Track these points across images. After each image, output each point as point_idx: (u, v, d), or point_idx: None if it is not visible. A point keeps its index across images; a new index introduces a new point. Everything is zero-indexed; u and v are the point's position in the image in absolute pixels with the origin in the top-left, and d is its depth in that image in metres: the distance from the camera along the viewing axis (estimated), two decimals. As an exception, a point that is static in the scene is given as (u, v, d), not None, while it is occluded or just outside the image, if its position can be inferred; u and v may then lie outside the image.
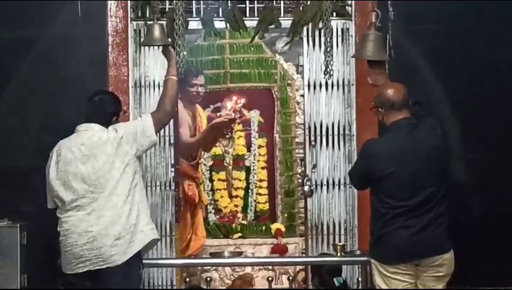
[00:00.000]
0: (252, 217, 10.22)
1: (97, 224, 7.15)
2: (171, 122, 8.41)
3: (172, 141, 8.87)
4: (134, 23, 8.78)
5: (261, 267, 9.21)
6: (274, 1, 8.88)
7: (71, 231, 7.25)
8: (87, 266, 7.11)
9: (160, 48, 7.97)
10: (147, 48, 8.78)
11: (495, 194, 8.49)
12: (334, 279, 8.24)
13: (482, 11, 8.73)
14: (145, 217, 7.30)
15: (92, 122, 7.26)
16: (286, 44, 9.55)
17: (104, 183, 7.20)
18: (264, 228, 9.80)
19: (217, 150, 10.43)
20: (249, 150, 10.18)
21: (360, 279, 8.14)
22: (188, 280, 8.59)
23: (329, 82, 8.86)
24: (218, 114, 9.91)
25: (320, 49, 8.74)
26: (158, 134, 7.45)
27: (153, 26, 7.83)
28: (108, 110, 7.47)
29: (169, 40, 8.34)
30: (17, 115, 8.69)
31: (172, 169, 8.70)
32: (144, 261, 7.57)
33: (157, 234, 7.51)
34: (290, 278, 8.76)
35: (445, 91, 8.56)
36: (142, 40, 8.55)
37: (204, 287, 8.15)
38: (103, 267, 7.07)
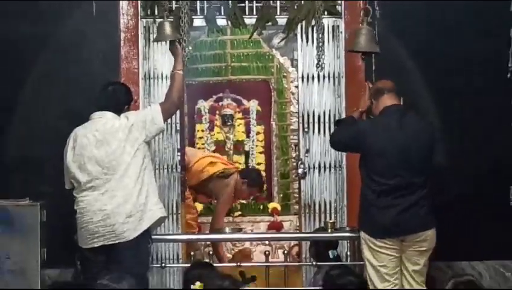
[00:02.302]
0: (251, 197, 10.09)
1: (110, 203, 7.33)
2: (178, 111, 8.43)
3: (178, 128, 8.91)
4: (144, 20, 8.80)
5: (259, 242, 9.30)
6: (271, 0, 8.91)
7: (87, 210, 7.42)
8: (101, 241, 7.32)
9: (168, 44, 8.01)
10: (155, 43, 8.76)
11: (468, 178, 8.52)
12: (329, 251, 8.26)
13: (459, 10, 8.67)
14: (154, 197, 7.52)
15: (105, 111, 7.42)
16: (282, 40, 9.52)
17: (116, 166, 7.36)
18: (261, 207, 9.99)
19: (219, 136, 10.56)
20: (248, 136, 10.32)
21: (348, 253, 8.28)
22: (192, 253, 8.59)
23: (321, 74, 8.92)
24: (220, 103, 10.01)
25: (312, 45, 8.73)
26: (165, 122, 7.59)
27: (163, 24, 7.90)
28: (120, 100, 7.65)
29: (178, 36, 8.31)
30: (37, 106, 8.60)
31: (179, 153, 8.78)
32: (153, 236, 7.78)
33: (165, 212, 7.69)
34: (285, 252, 8.83)
35: (426, 83, 8.56)
36: (153, 36, 8.66)
37: (207, 260, 8.16)
38: (115, 242, 7.27)
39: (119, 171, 7.41)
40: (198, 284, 6.22)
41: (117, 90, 7.79)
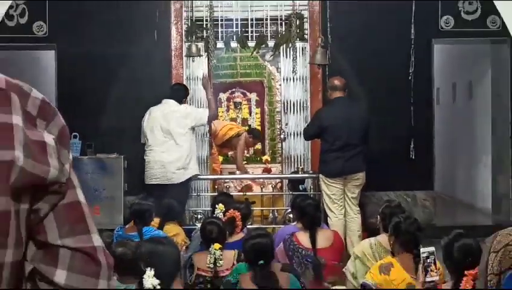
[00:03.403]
0: (252, 152, 10.11)
1: (166, 158, 7.52)
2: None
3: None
4: (186, 44, 8.68)
5: (256, 180, 9.23)
6: (264, 30, 8.81)
7: (151, 160, 7.65)
8: (157, 181, 7.58)
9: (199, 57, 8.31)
10: (191, 58, 8.72)
11: (385, 140, 8.23)
12: (300, 185, 8.32)
13: (381, 39, 8.53)
14: (194, 160, 7.72)
15: (169, 99, 7.63)
16: (271, 56, 9.36)
17: (173, 135, 7.50)
18: (259, 158, 9.81)
19: (232, 114, 10.24)
20: (250, 115, 9.99)
21: (311, 186, 8.44)
22: (216, 187, 8.82)
23: (295, 77, 8.90)
24: (232, 95, 10.07)
25: (290, 59, 8.74)
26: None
27: (194, 45, 8.22)
28: (180, 93, 7.86)
29: (204, 53, 8.66)
30: (120, 97, 8.46)
31: (207, 126, 8.62)
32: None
33: (198, 170, 7.97)
34: (273, 186, 8.83)
35: (358, 82, 8.33)
36: (188, 52, 8.63)
37: (225, 191, 8.17)
38: (166, 183, 7.52)
39: (174, 138, 7.48)
40: (220, 206, 6.08)
41: (179, 87, 8.00)
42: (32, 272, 1.33)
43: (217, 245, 4.76)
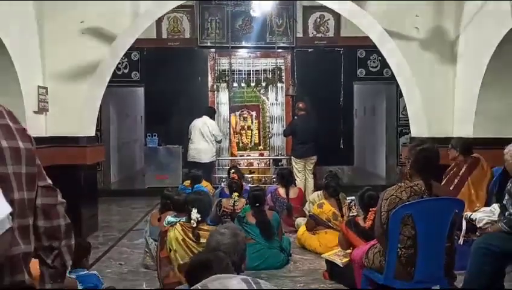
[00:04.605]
0: (252, 144, 9.18)
1: (199, 148, 7.20)
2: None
3: (228, 120, 8.78)
4: (215, 84, 8.59)
5: (256, 161, 8.67)
6: (260, 76, 8.66)
7: (191, 149, 7.31)
8: (194, 159, 7.21)
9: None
10: (219, 92, 8.68)
11: (327, 137, 7.79)
12: (279, 163, 8.32)
13: (329, 74, 8.44)
14: (213, 151, 7.34)
15: (205, 115, 7.34)
16: (264, 90, 8.82)
17: (204, 136, 7.17)
18: (256, 148, 9.00)
19: (242, 123, 9.22)
20: (252, 123, 8.82)
21: (286, 163, 8.17)
22: (232, 163, 8.09)
23: (277, 102, 8.83)
24: (242, 112, 9.10)
25: (274, 92, 8.77)
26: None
27: (220, 85, 8.25)
28: (211, 112, 7.60)
29: (226, 89, 8.42)
30: (180, 114, 8.16)
31: (227, 130, 8.59)
32: (218, 158, 7.83)
33: (216, 158, 7.59)
34: (264, 163, 8.66)
35: (312, 104, 7.82)
36: (217, 88, 8.59)
37: (237, 166, 7.44)
38: (199, 161, 7.15)
39: (204, 138, 7.17)
40: (232, 172, 6.22)
41: (210, 109, 7.73)
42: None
43: (236, 194, 4.96)
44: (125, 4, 5.30)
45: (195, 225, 3.16)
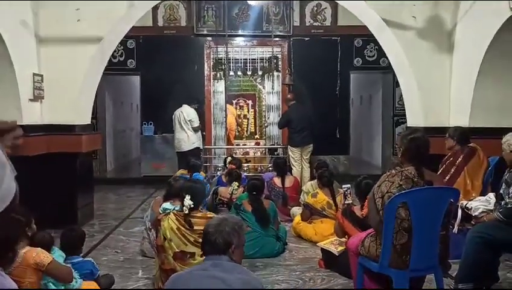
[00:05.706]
0: (249, 132, 9.45)
1: (181, 137, 6.99)
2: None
3: (224, 109, 8.58)
4: (212, 72, 8.52)
5: (253, 149, 8.78)
6: (256, 65, 8.62)
7: (175, 139, 7.10)
8: (178, 149, 7.00)
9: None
10: (215, 80, 8.54)
11: (324, 126, 7.85)
12: (275, 152, 8.22)
13: (324, 62, 8.37)
14: (193, 140, 6.95)
15: (186, 104, 7.16)
16: (260, 79, 9.01)
17: (182, 124, 6.99)
18: (253, 136, 9.39)
19: (238, 112, 9.37)
20: (248, 112, 9.45)
21: (282, 152, 8.05)
22: (229, 153, 8.10)
23: (273, 92, 8.86)
24: (239, 101, 9.31)
25: (270, 81, 8.80)
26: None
27: (216, 74, 8.12)
28: (192, 100, 7.26)
29: (222, 78, 8.32)
30: (176, 102, 7.52)
31: (224, 117, 8.44)
32: (213, 147, 7.94)
33: (201, 145, 7.29)
34: (260, 152, 8.65)
35: (308, 92, 8.16)
36: (213, 77, 8.50)
37: (233, 155, 7.59)
38: (181, 150, 6.96)
39: (186, 126, 7.01)
40: (228, 161, 6.16)
41: (192, 98, 7.37)
42: None
43: (236, 183, 5.05)
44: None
45: (187, 211, 3.14)
